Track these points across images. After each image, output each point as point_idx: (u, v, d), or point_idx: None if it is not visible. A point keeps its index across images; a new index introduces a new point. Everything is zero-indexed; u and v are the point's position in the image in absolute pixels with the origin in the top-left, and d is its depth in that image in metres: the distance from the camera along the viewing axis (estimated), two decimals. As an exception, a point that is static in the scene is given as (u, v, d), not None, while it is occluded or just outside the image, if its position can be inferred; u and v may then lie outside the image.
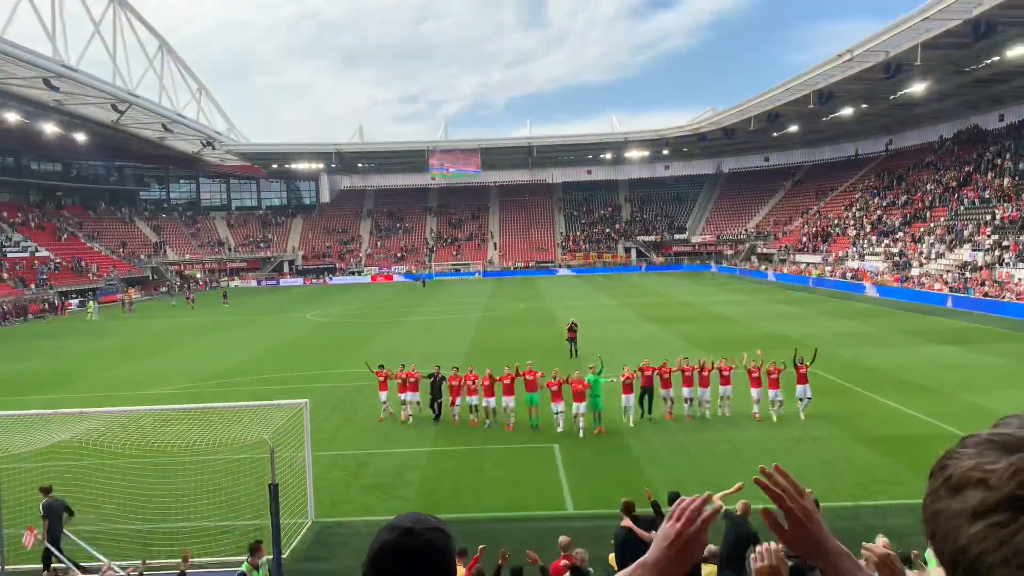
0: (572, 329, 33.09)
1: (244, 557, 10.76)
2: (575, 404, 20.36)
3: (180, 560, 11.26)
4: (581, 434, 20.24)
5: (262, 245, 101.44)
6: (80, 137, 77.59)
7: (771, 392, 21.03)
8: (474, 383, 21.80)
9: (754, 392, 21.50)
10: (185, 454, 16.07)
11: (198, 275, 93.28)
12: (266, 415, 15.88)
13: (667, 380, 21.44)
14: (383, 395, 22.73)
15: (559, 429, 20.76)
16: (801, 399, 21.17)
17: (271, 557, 12.20)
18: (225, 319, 53.87)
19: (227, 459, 16.40)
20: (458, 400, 22.03)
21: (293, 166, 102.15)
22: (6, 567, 13.31)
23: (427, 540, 1.63)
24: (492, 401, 21.60)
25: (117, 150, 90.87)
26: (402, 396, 22.35)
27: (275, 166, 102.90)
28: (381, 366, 23.08)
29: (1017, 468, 0.77)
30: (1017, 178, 58.41)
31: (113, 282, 78.48)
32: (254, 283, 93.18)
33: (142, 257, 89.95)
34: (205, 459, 16.41)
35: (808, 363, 21.17)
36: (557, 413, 20.87)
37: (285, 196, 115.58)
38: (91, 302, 61.89)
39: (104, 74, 66.61)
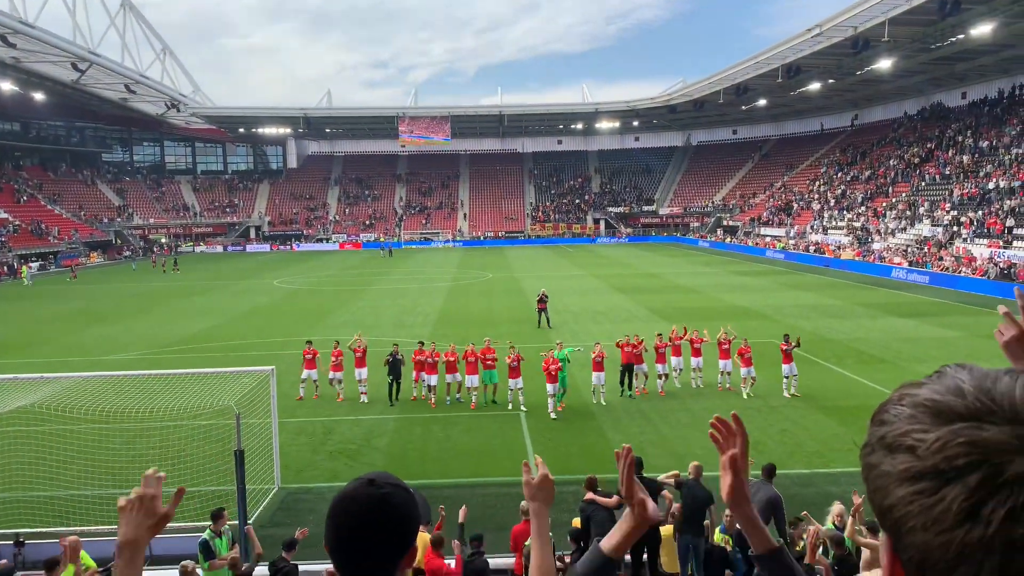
0: (542, 300, 33.07)
1: (208, 523, 10.84)
2: (549, 385, 19.83)
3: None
4: (553, 415, 19.71)
5: (228, 210, 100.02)
6: (39, 96, 75.50)
7: (743, 369, 21.40)
8: (434, 360, 21.00)
9: (722, 364, 22.02)
10: (149, 420, 16.04)
11: (163, 240, 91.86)
12: (232, 382, 15.90)
13: (639, 356, 21.53)
14: (312, 373, 21.62)
15: (523, 409, 20.29)
16: (787, 377, 21.31)
17: (235, 523, 12.30)
18: (190, 284, 53.24)
19: (192, 425, 16.42)
20: (422, 376, 21.25)
21: (260, 130, 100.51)
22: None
23: (387, 492, 1.70)
24: (457, 377, 21.27)
25: (78, 111, 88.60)
26: (336, 375, 21.47)
27: (242, 130, 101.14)
28: (309, 342, 22.30)
29: (944, 442, 0.81)
30: (977, 155, 59.54)
31: (75, 246, 76.98)
32: (220, 248, 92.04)
33: (105, 221, 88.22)
34: (169, 425, 16.41)
35: (794, 345, 21.22)
36: (513, 390, 20.51)
37: (252, 161, 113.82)
38: (24, 267, 60.39)
39: (64, 31, 64.77)
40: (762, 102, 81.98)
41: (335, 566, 1.74)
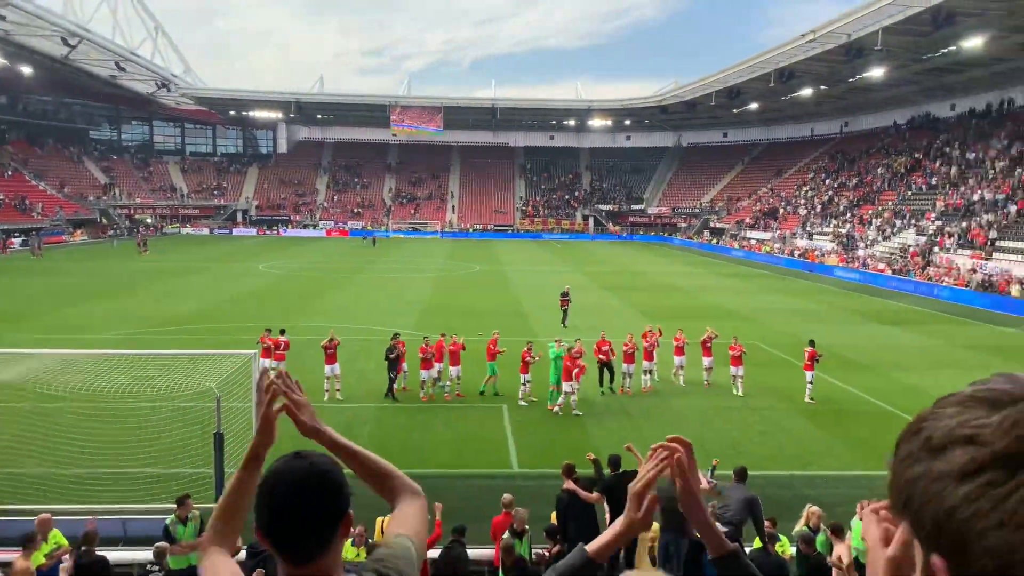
0: (566, 295, 32.11)
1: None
2: (566, 384, 19.39)
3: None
4: (556, 410, 19.52)
5: (216, 193, 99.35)
6: (27, 71, 74.48)
7: (733, 368, 21.62)
8: (428, 354, 20.66)
9: (705, 361, 22.33)
10: (129, 400, 15.93)
11: (148, 220, 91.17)
12: (214, 364, 15.83)
13: (630, 355, 21.59)
14: (267, 362, 20.33)
15: (530, 400, 20.33)
16: (810, 383, 21.09)
17: (211, 506, 12.24)
18: (174, 266, 52.86)
19: (172, 407, 16.32)
20: (405, 367, 21.07)
21: (251, 113, 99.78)
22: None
23: (314, 462, 1.73)
24: (446, 368, 21.15)
25: (67, 87, 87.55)
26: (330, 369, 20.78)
27: (232, 112, 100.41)
28: (268, 330, 21.72)
29: (1015, 420, 0.73)
30: (963, 167, 60.05)
31: (59, 223, 76.25)
32: (207, 231, 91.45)
33: (90, 199, 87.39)
34: (150, 406, 16.31)
35: (817, 354, 21.01)
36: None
37: (241, 144, 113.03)
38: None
39: (55, 5, 64.02)
40: (753, 106, 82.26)
41: (272, 547, 1.73)
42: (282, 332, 21.93)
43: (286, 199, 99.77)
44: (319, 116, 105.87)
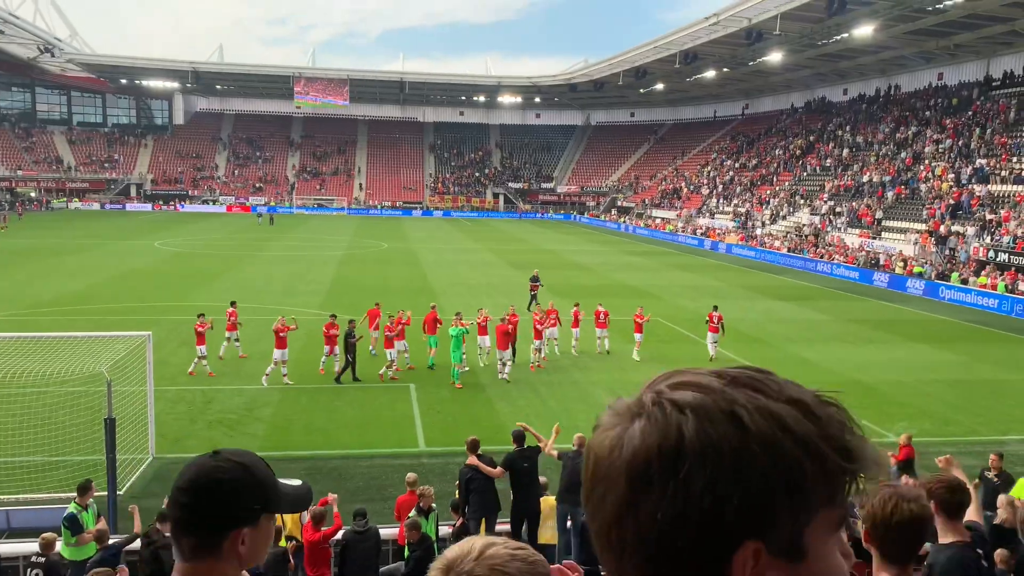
0: (535, 280, 31.31)
1: (73, 495, 10.32)
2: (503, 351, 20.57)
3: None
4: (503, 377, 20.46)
5: (107, 166, 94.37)
6: None
7: (637, 335, 23.10)
8: (395, 329, 20.44)
9: (598, 331, 23.66)
10: (12, 386, 15.04)
11: (32, 194, 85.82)
12: (106, 347, 15.09)
13: (538, 332, 21.96)
14: (202, 349, 20.18)
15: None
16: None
17: (105, 494, 11.78)
18: (64, 243, 50.02)
19: (60, 392, 15.52)
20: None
21: (144, 82, 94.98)
22: None
23: (220, 465, 1.68)
24: (403, 344, 21.10)
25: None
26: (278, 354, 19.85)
27: (124, 81, 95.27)
28: (201, 315, 20.76)
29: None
30: (854, 149, 63.12)
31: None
32: (97, 206, 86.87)
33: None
34: (36, 391, 15.45)
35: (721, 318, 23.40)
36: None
37: (135, 115, 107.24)
38: None
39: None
40: (660, 86, 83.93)
41: (171, 530, 1.74)
42: (200, 315, 20.63)
43: (184, 173, 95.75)
44: (219, 87, 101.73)
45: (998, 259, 37.85)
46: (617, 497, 0.84)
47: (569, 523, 10.90)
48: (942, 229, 43.44)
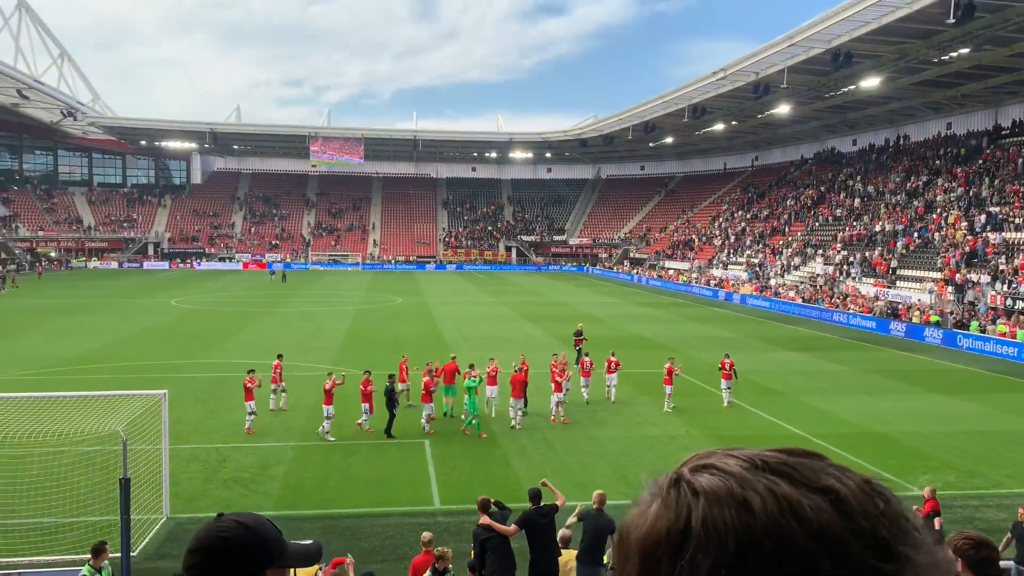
0: (579, 334, 31.09)
1: (87, 557, 10.23)
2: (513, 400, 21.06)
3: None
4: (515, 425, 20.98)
5: (126, 225, 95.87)
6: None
7: (668, 388, 23.25)
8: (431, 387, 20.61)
9: (608, 378, 24.14)
10: (29, 446, 15.08)
11: (52, 253, 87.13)
12: (121, 406, 15.13)
13: (559, 384, 21.90)
14: (251, 405, 20.18)
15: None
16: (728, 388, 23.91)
17: (119, 555, 11.67)
18: (82, 302, 50.56)
19: (75, 452, 15.54)
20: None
21: (163, 143, 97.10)
22: None
23: (222, 525, 1.77)
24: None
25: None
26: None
27: (143, 142, 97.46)
28: (252, 371, 20.70)
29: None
30: (865, 199, 63.26)
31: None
32: (115, 265, 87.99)
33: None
34: (52, 451, 15.48)
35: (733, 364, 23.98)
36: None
37: (153, 175, 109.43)
38: None
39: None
40: (669, 140, 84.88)
41: None
42: (250, 371, 20.53)
43: (200, 231, 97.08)
44: (236, 147, 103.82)
45: (1016, 306, 37.55)
46: (633, 573, 0.84)
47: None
48: (958, 277, 43.20)
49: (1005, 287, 40.00)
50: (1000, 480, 17.46)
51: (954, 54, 44.80)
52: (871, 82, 51.44)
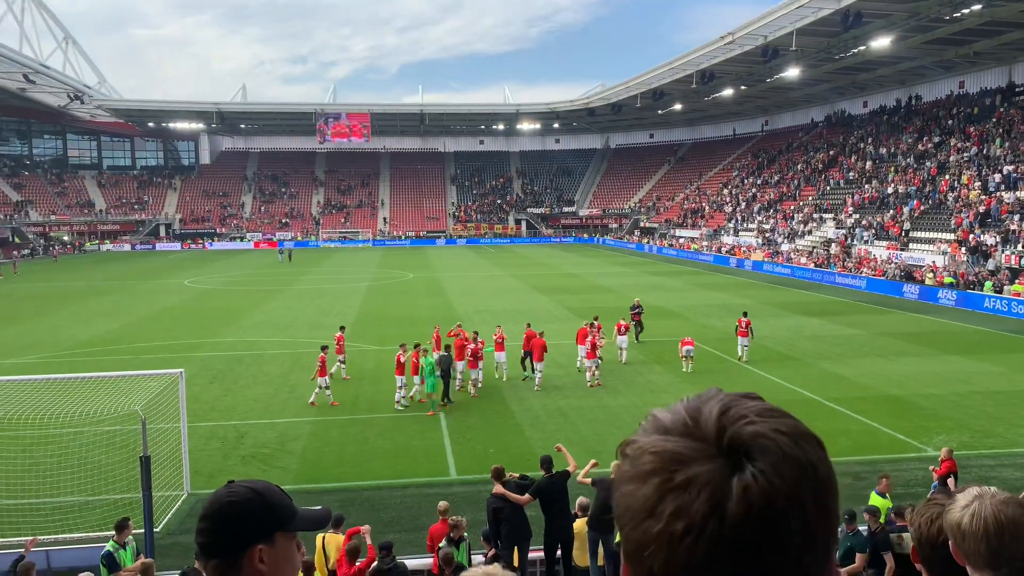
0: (636, 309, 29.42)
1: (110, 534, 10.43)
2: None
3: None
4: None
5: (136, 207, 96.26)
6: (-75, 84, 70.99)
7: (685, 348, 24.10)
8: (477, 350, 21.89)
9: (619, 339, 25.15)
10: (50, 427, 15.32)
11: (65, 237, 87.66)
12: (139, 385, 15.32)
13: (593, 351, 22.70)
14: (324, 380, 20.62)
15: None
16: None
17: (142, 531, 11.89)
18: (97, 284, 50.96)
19: (95, 431, 15.76)
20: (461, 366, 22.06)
21: (171, 125, 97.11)
22: None
23: (233, 490, 1.84)
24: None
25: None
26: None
27: (151, 124, 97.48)
28: (325, 347, 21.43)
29: (640, 449, 0.94)
30: (877, 161, 62.59)
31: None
32: (127, 247, 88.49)
33: (0, 217, 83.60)
34: (70, 432, 15.70)
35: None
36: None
37: (162, 156, 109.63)
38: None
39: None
40: (678, 107, 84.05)
41: (196, 558, 1.89)
42: (323, 348, 21.32)
43: (211, 211, 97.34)
44: (243, 126, 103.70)
45: (1031, 266, 37.22)
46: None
47: (601, 549, 10.79)
48: (971, 238, 42.80)
49: (1021, 246, 39.60)
50: (1015, 439, 17.44)
51: (966, 10, 44.00)
52: (881, 42, 50.62)
